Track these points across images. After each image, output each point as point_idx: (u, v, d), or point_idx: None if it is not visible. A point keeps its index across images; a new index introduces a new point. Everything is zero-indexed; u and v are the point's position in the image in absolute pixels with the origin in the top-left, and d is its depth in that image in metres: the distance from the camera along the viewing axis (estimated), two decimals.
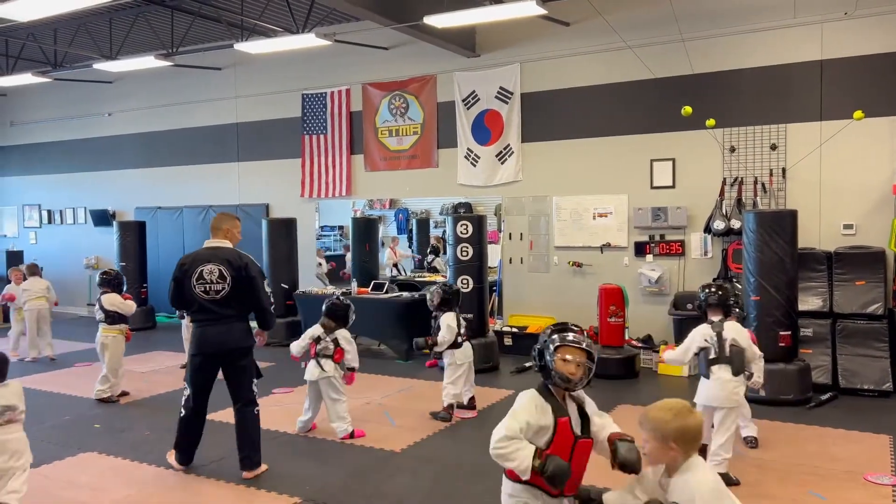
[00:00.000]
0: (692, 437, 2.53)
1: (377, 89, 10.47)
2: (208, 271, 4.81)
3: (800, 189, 7.77)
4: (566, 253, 9.13)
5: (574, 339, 2.79)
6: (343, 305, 5.84)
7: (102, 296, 6.98)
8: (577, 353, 2.78)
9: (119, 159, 13.07)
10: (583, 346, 2.79)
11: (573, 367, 2.76)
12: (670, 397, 6.59)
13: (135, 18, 10.02)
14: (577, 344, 2.79)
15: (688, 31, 8.09)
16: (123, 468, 5.12)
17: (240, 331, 4.93)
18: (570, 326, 2.88)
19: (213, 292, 4.81)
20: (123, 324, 7.03)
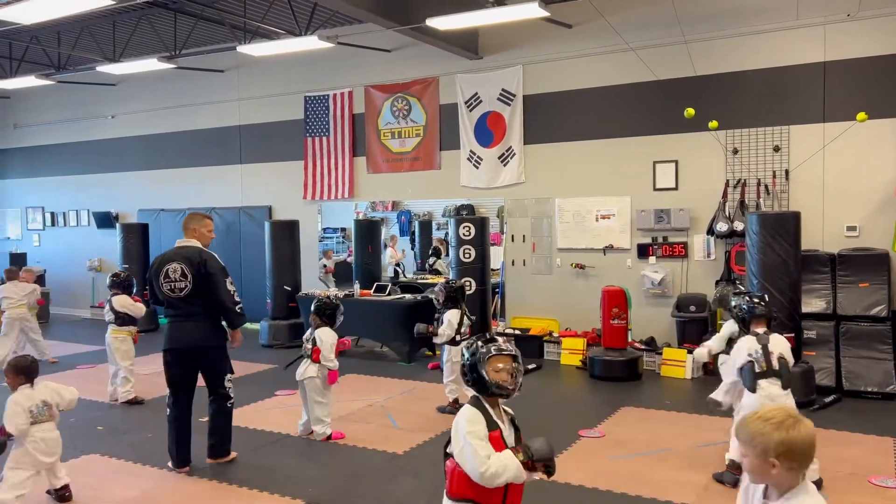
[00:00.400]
0: (801, 452, 2.06)
1: (380, 91, 10.48)
2: (172, 270, 4.96)
3: (803, 191, 7.76)
4: (569, 255, 9.13)
5: (503, 348, 2.83)
6: (330, 304, 5.82)
7: (113, 297, 7.00)
8: (507, 361, 2.81)
9: (122, 162, 13.09)
10: (511, 353, 2.83)
11: (506, 374, 2.79)
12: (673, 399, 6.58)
13: (138, 21, 10.05)
14: (506, 352, 2.82)
15: (690, 33, 8.09)
16: (126, 470, 5.12)
17: (206, 329, 5.03)
18: (493, 336, 2.92)
19: (177, 290, 4.97)
20: (132, 325, 7.06)
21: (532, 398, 7.04)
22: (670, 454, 5.29)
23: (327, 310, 5.77)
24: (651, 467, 5.04)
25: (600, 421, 6.12)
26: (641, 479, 4.79)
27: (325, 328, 5.71)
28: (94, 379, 8.03)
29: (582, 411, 6.60)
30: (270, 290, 10.09)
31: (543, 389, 7.45)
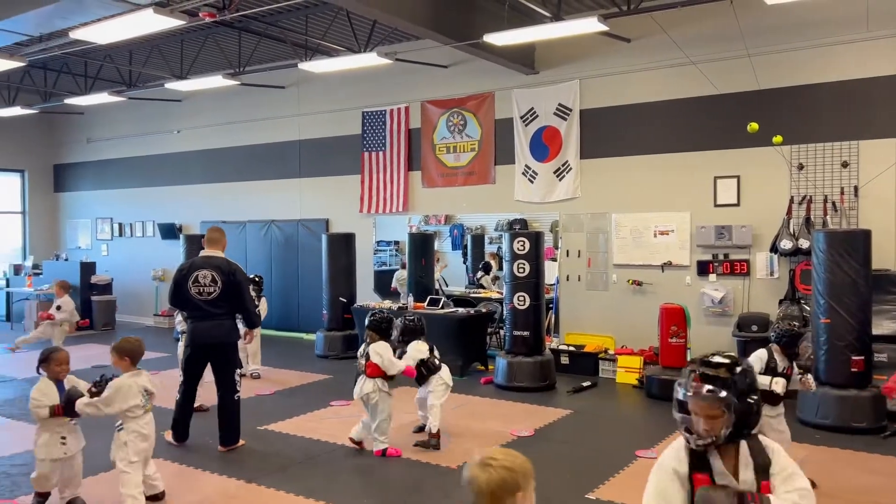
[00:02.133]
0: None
1: (435, 107, 10.58)
2: (202, 276, 5.64)
3: (873, 208, 7.47)
4: (625, 271, 8.99)
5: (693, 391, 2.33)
6: (385, 317, 5.72)
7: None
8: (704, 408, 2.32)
9: (186, 175, 13.54)
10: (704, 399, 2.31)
11: (703, 422, 2.32)
12: None
13: (204, 39, 10.42)
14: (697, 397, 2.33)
15: (753, 46, 7.92)
16: (187, 475, 5.25)
17: (227, 327, 5.76)
18: (702, 364, 2.38)
19: (205, 294, 5.64)
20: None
21: (588, 416, 6.94)
22: None
23: (382, 324, 5.69)
24: None
25: (658, 441, 5.98)
26: None
27: (381, 342, 5.62)
28: (158, 385, 8.26)
29: (638, 431, 6.47)
30: (326, 302, 10.24)
31: (598, 408, 7.33)
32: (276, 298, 11.39)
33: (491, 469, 2.01)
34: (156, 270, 13.79)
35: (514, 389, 7.90)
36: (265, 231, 12.38)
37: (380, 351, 5.56)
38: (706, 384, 2.28)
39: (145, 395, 4.43)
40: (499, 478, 2.00)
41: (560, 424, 6.65)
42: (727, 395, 2.25)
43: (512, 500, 2.01)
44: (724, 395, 2.25)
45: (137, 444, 4.35)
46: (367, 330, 5.70)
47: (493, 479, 2.00)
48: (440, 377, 5.89)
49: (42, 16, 6.54)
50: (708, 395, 2.27)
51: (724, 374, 2.29)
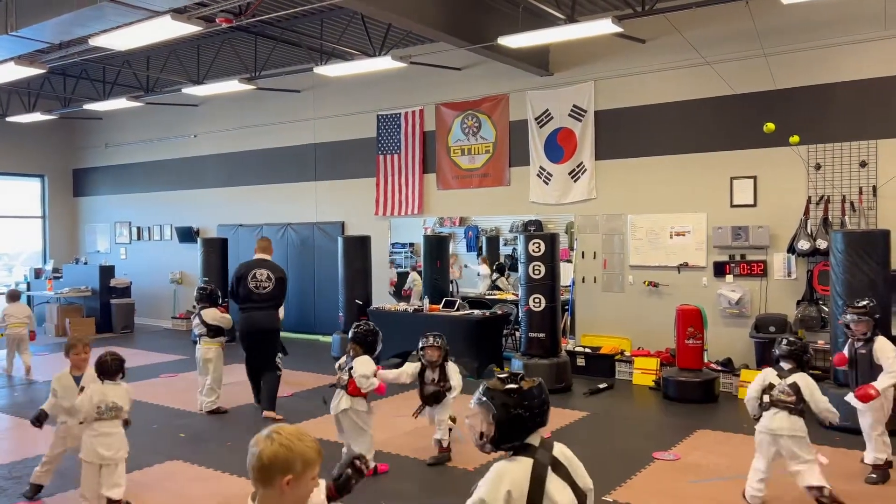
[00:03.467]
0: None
1: (450, 109, 10.60)
2: (260, 273, 7.11)
3: (892, 208, 7.40)
4: (641, 272, 8.97)
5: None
6: (371, 331, 5.37)
7: (202, 311, 7.23)
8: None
9: (203, 179, 13.67)
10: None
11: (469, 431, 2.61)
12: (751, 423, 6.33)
13: (221, 44, 10.52)
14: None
15: (769, 46, 7.87)
16: (208, 477, 5.31)
17: (274, 317, 7.19)
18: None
19: (261, 288, 7.08)
20: (222, 336, 7.31)
21: (604, 418, 6.93)
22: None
23: (368, 336, 5.31)
24: (729, 493, 4.87)
25: (675, 443, 5.97)
26: None
27: (364, 357, 5.25)
28: (176, 387, 8.38)
29: (656, 433, 6.45)
30: (343, 304, 10.30)
31: (615, 409, 7.32)
32: (293, 300, 11.47)
33: (271, 442, 1.99)
34: (173, 273, 13.92)
35: None
36: (282, 234, 12.47)
37: (359, 365, 5.19)
38: None
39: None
40: (272, 453, 1.97)
41: (577, 426, 6.64)
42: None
43: (280, 479, 1.97)
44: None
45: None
46: (351, 342, 5.34)
47: (267, 451, 1.97)
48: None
49: (61, 24, 6.63)
50: None
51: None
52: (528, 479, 2.37)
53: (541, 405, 2.47)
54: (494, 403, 2.44)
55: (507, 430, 2.43)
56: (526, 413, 2.43)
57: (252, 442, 2.03)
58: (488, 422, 2.45)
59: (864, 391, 4.85)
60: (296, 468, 1.99)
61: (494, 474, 2.41)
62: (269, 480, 1.98)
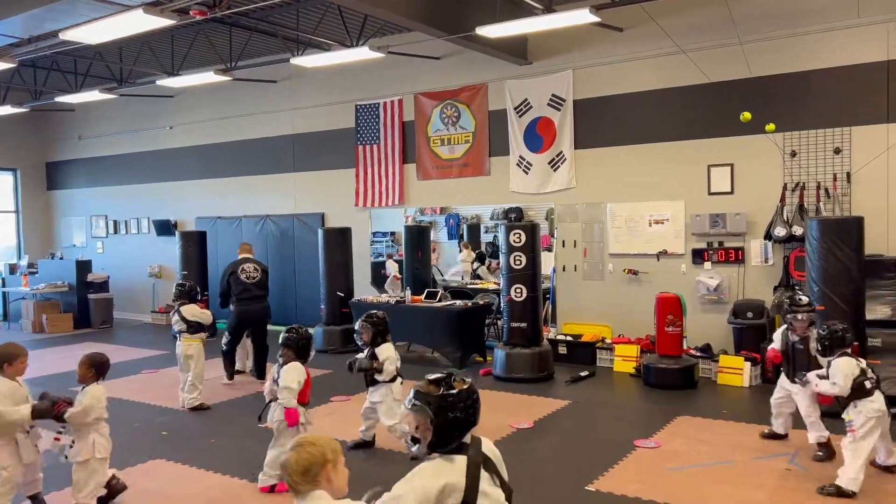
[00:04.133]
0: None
1: (429, 99, 10.56)
2: (248, 266, 8.33)
3: (866, 194, 7.52)
4: (621, 260, 9.04)
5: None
6: (303, 335, 5.00)
7: (181, 307, 7.18)
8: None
9: (180, 171, 13.50)
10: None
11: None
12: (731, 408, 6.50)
13: (195, 35, 10.37)
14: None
15: (745, 34, 7.92)
16: (191, 475, 5.29)
17: (267, 307, 8.46)
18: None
19: (252, 278, 8.26)
20: (203, 332, 7.28)
21: (586, 406, 7.01)
22: (729, 466, 5.20)
23: (300, 342, 4.96)
24: (710, 480, 4.96)
25: (656, 431, 6.05)
26: (700, 493, 4.72)
27: (294, 364, 4.88)
28: (158, 384, 8.33)
29: (637, 420, 6.54)
30: (324, 296, 10.27)
31: (596, 397, 7.40)
32: (273, 293, 11.33)
33: (298, 450, 2.31)
34: (152, 267, 13.79)
35: (512, 381, 7.97)
36: (261, 226, 12.38)
37: (287, 374, 4.83)
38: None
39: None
40: (306, 456, 2.30)
41: (559, 415, 6.71)
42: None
43: (322, 473, 2.31)
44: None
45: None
46: (281, 347, 4.99)
47: (301, 457, 2.29)
48: (390, 389, 5.50)
49: (32, 18, 6.51)
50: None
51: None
52: (465, 478, 2.41)
53: (474, 405, 2.50)
54: (431, 408, 2.43)
55: (446, 434, 2.44)
56: (461, 415, 2.45)
57: (282, 462, 2.36)
58: (426, 426, 2.45)
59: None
60: (329, 458, 2.33)
61: (429, 471, 2.41)
62: (315, 478, 2.30)
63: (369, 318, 5.57)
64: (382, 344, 5.54)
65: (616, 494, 4.73)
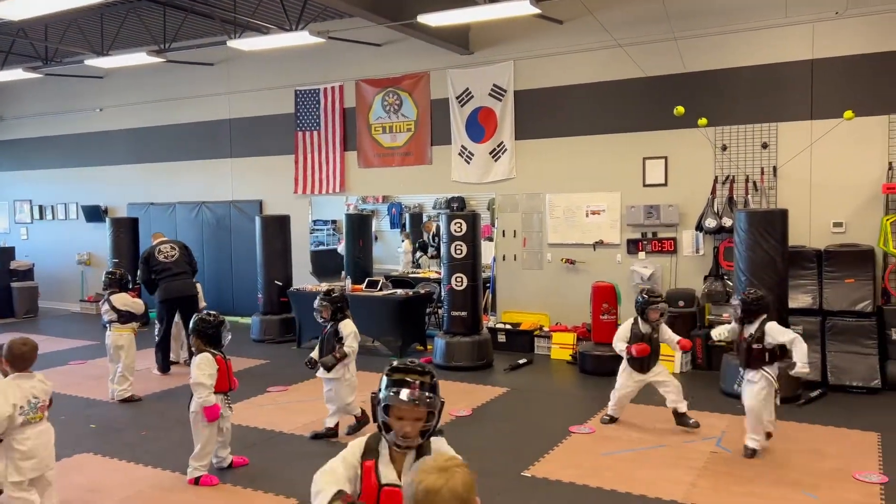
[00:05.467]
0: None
1: (370, 86, 10.46)
2: (164, 247, 8.19)
3: (791, 187, 7.84)
4: (559, 250, 9.19)
5: (409, 398, 2.33)
6: (211, 322, 4.84)
7: (111, 296, 6.96)
8: (412, 411, 2.34)
9: (111, 155, 13.01)
10: (417, 402, 2.33)
11: (409, 426, 2.34)
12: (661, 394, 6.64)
13: (126, 14, 9.97)
14: (412, 402, 2.33)
15: (679, 30, 8.13)
16: (121, 469, 5.14)
17: (190, 283, 8.24)
18: (408, 372, 2.40)
19: (170, 257, 8.11)
20: (134, 322, 7.07)
21: (523, 394, 7.11)
22: (660, 450, 5.37)
23: (209, 329, 4.80)
24: (641, 463, 5.12)
25: (590, 416, 6.20)
26: (631, 476, 4.87)
27: (203, 356, 4.75)
28: (86, 375, 8.04)
29: (572, 406, 6.68)
30: (262, 286, 10.09)
31: (534, 384, 7.52)
32: (209, 281, 11.15)
33: (453, 472, 1.85)
34: (81, 254, 13.27)
35: (452, 369, 8.02)
36: (196, 213, 12.06)
37: (196, 366, 4.73)
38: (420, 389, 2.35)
39: (31, 403, 3.89)
40: (464, 480, 1.84)
41: (497, 403, 6.79)
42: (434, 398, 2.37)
43: (475, 496, 1.89)
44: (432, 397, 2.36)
45: (17, 462, 3.85)
46: (192, 335, 4.87)
47: (461, 481, 1.83)
48: (346, 367, 5.63)
49: None
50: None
51: (427, 378, 2.39)
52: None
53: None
54: (437, 393, 2.39)
55: (439, 416, 2.42)
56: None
57: (422, 488, 1.81)
58: (436, 414, 2.38)
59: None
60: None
61: (450, 453, 2.33)
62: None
63: (327, 296, 5.72)
64: (343, 320, 5.68)
65: (551, 480, 4.82)
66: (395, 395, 2.33)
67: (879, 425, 5.83)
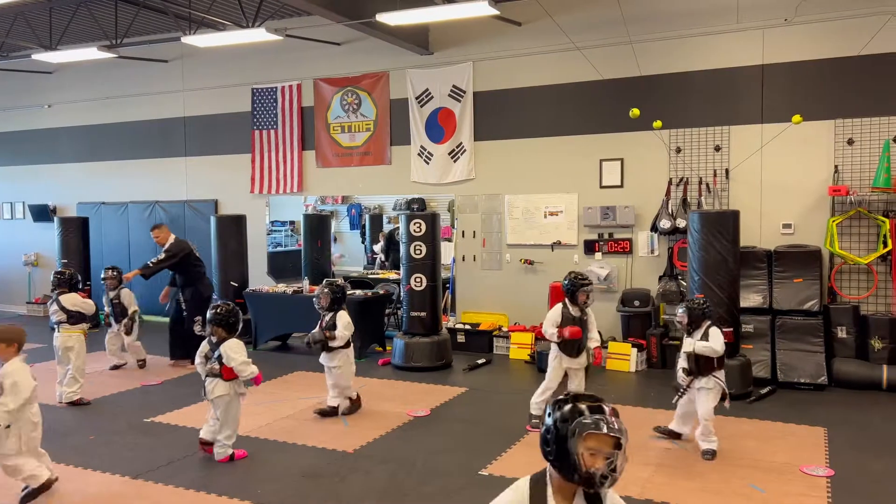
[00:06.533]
0: None
1: (329, 85, 10.38)
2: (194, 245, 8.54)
3: (742, 189, 8.03)
4: (518, 251, 9.24)
5: (609, 423, 2.10)
6: (232, 312, 5.22)
7: (60, 297, 6.78)
8: (606, 442, 2.09)
9: (60, 153, 12.63)
10: (615, 433, 2.10)
11: (600, 461, 2.08)
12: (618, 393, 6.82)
13: (76, 7, 9.69)
14: (610, 431, 2.09)
15: (635, 34, 8.26)
16: (69, 475, 4.97)
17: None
18: (592, 399, 2.18)
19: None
20: (84, 323, 6.89)
21: (482, 393, 7.12)
22: None
23: (230, 318, 5.17)
24: None
25: None
26: None
27: (234, 341, 5.13)
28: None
29: (529, 406, 6.69)
30: (217, 286, 9.89)
31: (492, 384, 7.54)
32: (163, 283, 10.88)
33: None
34: (28, 255, 12.84)
35: (411, 370, 7.99)
36: (149, 213, 11.78)
37: (233, 351, 5.07)
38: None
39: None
40: None
41: (455, 402, 6.79)
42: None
43: None
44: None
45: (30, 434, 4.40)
46: (211, 325, 5.17)
47: None
48: (347, 354, 6.20)
49: None
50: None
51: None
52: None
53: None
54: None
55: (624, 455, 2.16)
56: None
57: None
58: (623, 450, 2.12)
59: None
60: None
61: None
62: None
63: (329, 285, 6.26)
64: (340, 311, 6.18)
65: (507, 478, 4.83)
66: (596, 423, 2.08)
67: (826, 421, 6.00)
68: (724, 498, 4.51)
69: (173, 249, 8.24)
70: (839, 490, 4.58)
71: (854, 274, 7.58)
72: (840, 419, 6.08)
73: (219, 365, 5.06)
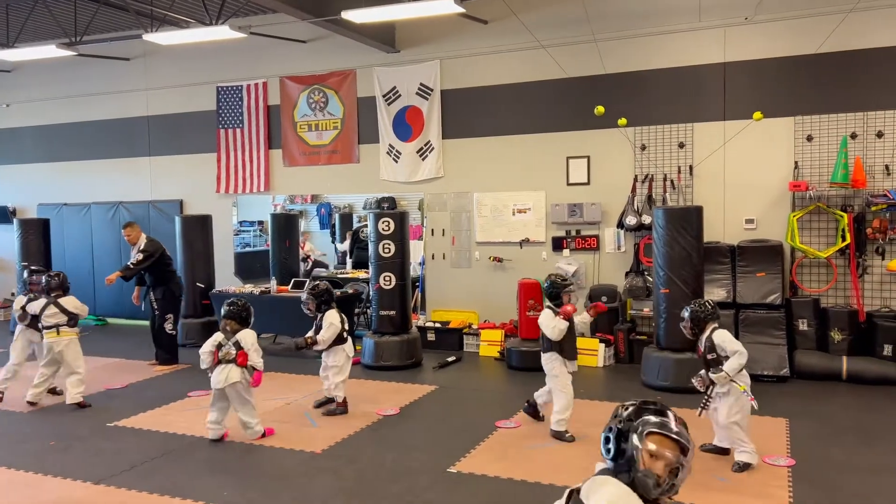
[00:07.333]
0: None
1: (295, 83, 10.29)
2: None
3: (705, 185, 8.15)
4: (487, 248, 9.27)
5: (671, 428, 2.11)
6: (245, 306, 5.78)
7: (60, 299, 6.72)
8: (670, 447, 2.09)
9: (19, 153, 12.34)
10: (679, 440, 2.10)
11: (662, 466, 2.07)
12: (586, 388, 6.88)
13: (34, 4, 9.46)
14: (672, 435, 2.10)
15: (599, 32, 8.33)
16: (27, 482, 4.86)
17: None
18: (663, 406, 2.18)
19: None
20: (77, 326, 6.84)
21: (452, 391, 7.13)
22: (584, 441, 5.47)
23: (243, 312, 5.73)
24: (566, 455, 5.20)
25: (516, 411, 6.25)
26: (556, 468, 4.94)
27: (245, 331, 5.66)
28: None
29: (499, 402, 6.73)
30: (183, 288, 9.73)
31: (462, 382, 7.55)
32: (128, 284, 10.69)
33: None
34: None
35: (381, 369, 7.97)
36: (112, 213, 11.56)
37: (251, 338, 5.62)
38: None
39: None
40: None
41: (425, 401, 6.79)
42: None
43: None
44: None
45: None
46: (226, 319, 5.68)
47: None
48: (344, 349, 6.37)
49: None
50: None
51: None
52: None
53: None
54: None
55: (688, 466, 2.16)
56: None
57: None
58: (689, 460, 2.09)
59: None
60: None
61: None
62: None
63: (312, 291, 6.48)
64: (328, 311, 6.36)
65: (477, 474, 4.85)
66: (662, 424, 2.09)
67: (788, 412, 6.12)
68: (686, 488, 4.55)
69: (150, 249, 8.15)
70: (800, 479, 4.67)
71: (814, 268, 7.74)
72: (801, 410, 6.20)
73: (235, 350, 5.49)
